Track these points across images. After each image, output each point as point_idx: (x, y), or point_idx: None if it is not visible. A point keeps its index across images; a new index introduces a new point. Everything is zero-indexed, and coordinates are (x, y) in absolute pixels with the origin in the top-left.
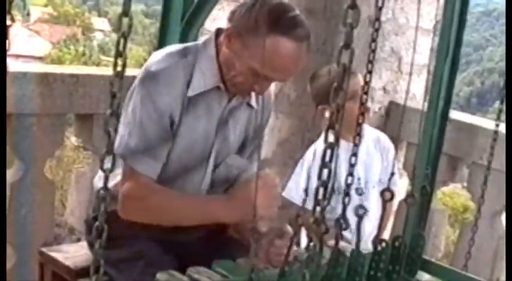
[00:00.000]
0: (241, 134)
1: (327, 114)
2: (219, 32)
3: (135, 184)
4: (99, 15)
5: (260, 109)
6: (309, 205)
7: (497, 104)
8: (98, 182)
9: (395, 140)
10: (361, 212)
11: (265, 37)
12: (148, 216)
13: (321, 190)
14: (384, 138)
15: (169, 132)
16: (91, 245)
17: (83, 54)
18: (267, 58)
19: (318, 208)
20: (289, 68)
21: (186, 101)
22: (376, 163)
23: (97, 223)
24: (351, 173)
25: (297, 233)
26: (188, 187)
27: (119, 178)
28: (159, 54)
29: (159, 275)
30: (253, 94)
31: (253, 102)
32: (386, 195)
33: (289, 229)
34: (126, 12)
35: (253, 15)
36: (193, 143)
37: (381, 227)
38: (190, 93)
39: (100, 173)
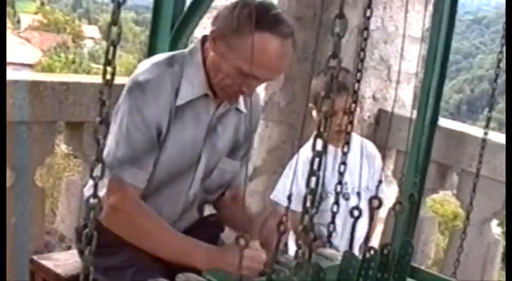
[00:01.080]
0: (230, 139)
1: (314, 113)
2: (204, 39)
3: (122, 196)
4: (89, 23)
5: (249, 113)
6: (297, 208)
7: (486, 112)
8: (88, 191)
9: (385, 148)
10: (356, 214)
11: (250, 35)
12: (128, 232)
13: (309, 198)
14: (370, 145)
15: (156, 142)
16: (81, 253)
17: (73, 61)
18: (253, 56)
19: (307, 216)
20: (276, 65)
21: (174, 110)
22: (363, 169)
23: (87, 231)
24: (340, 182)
25: (280, 240)
26: (175, 193)
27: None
28: (146, 64)
29: None
30: (241, 99)
31: (241, 106)
32: (374, 202)
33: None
34: (115, 21)
35: (235, 15)
36: (181, 151)
37: (368, 235)
38: (179, 102)
39: (90, 182)
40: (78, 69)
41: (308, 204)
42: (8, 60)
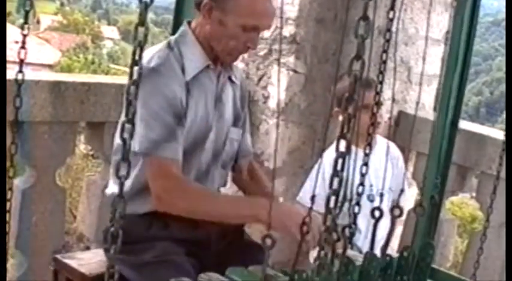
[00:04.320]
0: (232, 108)
1: (340, 117)
2: (189, 23)
3: (169, 175)
4: (109, 24)
5: (239, 84)
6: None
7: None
8: (110, 190)
9: (405, 150)
10: (377, 215)
11: None
12: (190, 206)
13: (333, 199)
14: (393, 147)
15: (182, 117)
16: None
17: (92, 62)
18: (249, 8)
19: (329, 216)
20: (271, 11)
21: (186, 86)
22: (387, 171)
23: (112, 229)
24: (361, 183)
25: (303, 241)
26: (190, 165)
27: (129, 182)
28: (149, 54)
29: None
30: (234, 69)
31: (233, 77)
32: (396, 211)
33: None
34: (142, 22)
35: None
36: (198, 123)
37: (389, 237)
38: (187, 78)
39: (111, 182)
40: (97, 69)
41: (331, 204)
42: (27, 60)
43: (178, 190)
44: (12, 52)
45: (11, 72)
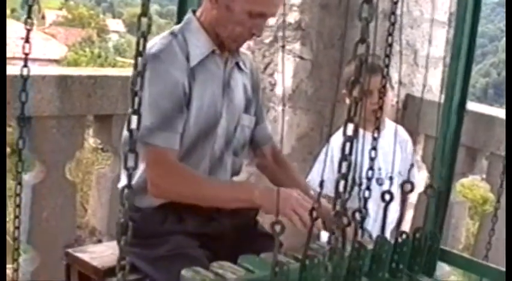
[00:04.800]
0: (242, 95)
1: (348, 101)
2: (193, 11)
3: (162, 162)
4: (114, 17)
5: (249, 72)
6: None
7: None
8: (121, 183)
9: (413, 133)
10: (387, 198)
11: None
12: (182, 192)
13: (342, 183)
14: (402, 131)
15: (183, 104)
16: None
17: (99, 56)
18: None
19: (339, 201)
20: None
21: (190, 72)
22: (396, 155)
23: (121, 220)
24: (371, 167)
25: (313, 226)
26: (203, 152)
27: (139, 173)
28: (152, 42)
29: (183, 272)
30: (241, 56)
31: (241, 65)
32: (407, 186)
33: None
34: (145, 13)
35: None
36: (205, 110)
37: (400, 219)
38: (192, 64)
39: (122, 175)
40: (103, 63)
41: (341, 189)
42: (33, 56)
43: (173, 176)
44: (18, 48)
45: (18, 68)
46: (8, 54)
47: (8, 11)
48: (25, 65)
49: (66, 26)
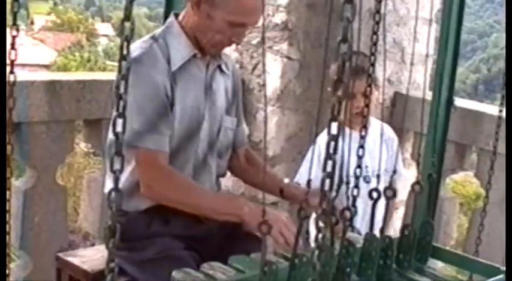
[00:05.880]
0: (224, 97)
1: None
2: (175, 15)
3: (153, 164)
4: (103, 21)
5: (231, 74)
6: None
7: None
8: (108, 186)
9: (401, 131)
10: (375, 196)
11: None
12: (173, 196)
13: (327, 181)
14: (388, 129)
15: (167, 107)
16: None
17: (88, 60)
18: (238, 5)
19: (325, 199)
20: (259, 8)
21: (172, 76)
22: (382, 153)
23: (109, 222)
24: (359, 166)
25: (302, 225)
26: (187, 155)
27: (125, 176)
28: (133, 45)
29: (174, 273)
30: (223, 59)
31: (224, 67)
32: (388, 193)
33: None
34: (128, 17)
35: None
36: (188, 113)
37: (386, 220)
38: (173, 68)
39: (107, 178)
40: (93, 67)
41: (326, 187)
42: (23, 61)
43: (165, 179)
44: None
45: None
46: None
47: None
48: (11, 71)
49: (55, 30)
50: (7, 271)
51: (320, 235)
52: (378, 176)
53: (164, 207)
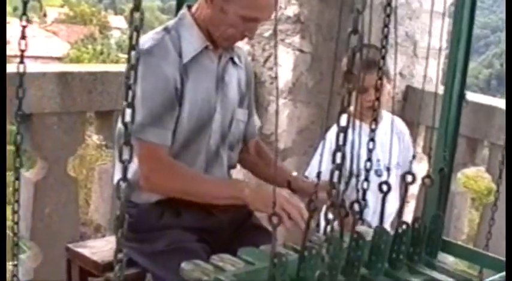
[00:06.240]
0: (236, 89)
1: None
2: (188, 7)
3: (154, 157)
4: (116, 13)
5: (244, 66)
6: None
7: None
8: (117, 175)
9: (414, 124)
10: (385, 189)
11: None
12: (173, 187)
13: (336, 173)
14: (399, 122)
15: (175, 100)
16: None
17: (101, 52)
18: (252, 0)
19: (335, 192)
20: (272, 3)
21: (183, 68)
22: (394, 146)
23: (117, 212)
24: (369, 159)
25: (312, 217)
26: (198, 147)
27: (135, 168)
28: (145, 37)
29: (183, 265)
30: (236, 51)
31: (236, 59)
32: (408, 177)
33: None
34: (137, 7)
35: None
36: (199, 105)
37: (401, 209)
38: (185, 60)
39: (117, 167)
40: (106, 60)
41: (335, 179)
42: (36, 54)
43: (165, 171)
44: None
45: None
46: (11, 53)
47: (9, 9)
48: (21, 62)
49: (68, 23)
50: (15, 262)
51: (329, 227)
52: (388, 169)
53: (175, 199)
